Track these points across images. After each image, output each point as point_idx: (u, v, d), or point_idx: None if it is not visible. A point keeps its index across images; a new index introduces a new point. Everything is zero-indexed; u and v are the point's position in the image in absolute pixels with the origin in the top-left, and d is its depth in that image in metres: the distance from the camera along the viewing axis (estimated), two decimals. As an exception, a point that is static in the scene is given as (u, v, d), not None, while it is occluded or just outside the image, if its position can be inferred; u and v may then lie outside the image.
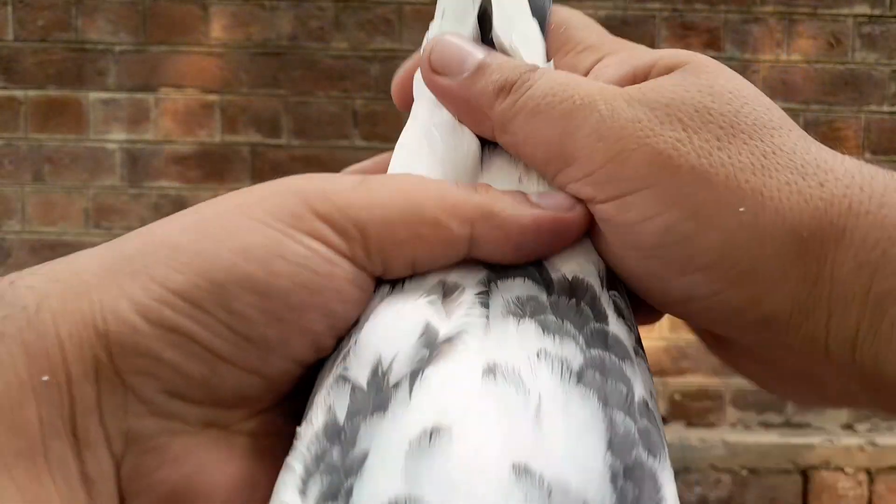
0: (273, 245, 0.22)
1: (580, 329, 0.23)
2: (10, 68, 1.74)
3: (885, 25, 1.78)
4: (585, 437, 0.20)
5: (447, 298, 0.24)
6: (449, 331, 0.22)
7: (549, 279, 0.25)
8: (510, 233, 0.24)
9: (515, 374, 0.21)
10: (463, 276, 0.24)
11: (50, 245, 1.77)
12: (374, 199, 0.24)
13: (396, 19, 1.75)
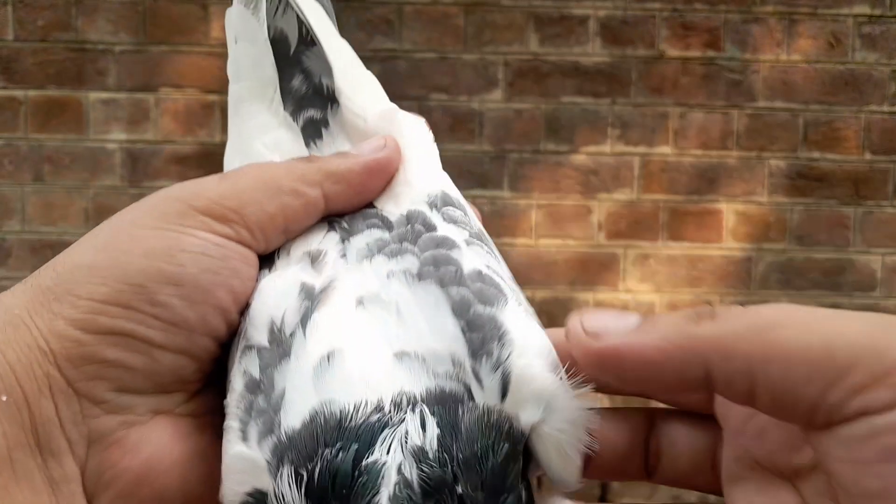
0: (173, 243, 0.26)
1: (415, 242, 0.29)
2: (10, 68, 1.75)
3: (885, 25, 1.78)
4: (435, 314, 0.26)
5: (315, 262, 0.29)
6: (322, 283, 0.28)
7: (388, 221, 0.30)
8: (350, 182, 0.30)
9: (376, 295, 0.27)
10: (323, 243, 0.30)
11: (50, 245, 1.77)
12: (239, 186, 0.28)
13: (396, 19, 1.75)
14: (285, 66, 0.34)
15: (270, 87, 0.34)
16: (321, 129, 0.34)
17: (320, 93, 0.35)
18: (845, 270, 1.82)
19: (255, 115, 0.34)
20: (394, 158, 0.32)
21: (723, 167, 1.79)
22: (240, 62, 0.34)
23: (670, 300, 1.81)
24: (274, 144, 0.33)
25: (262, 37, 0.34)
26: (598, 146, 1.77)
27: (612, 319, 0.25)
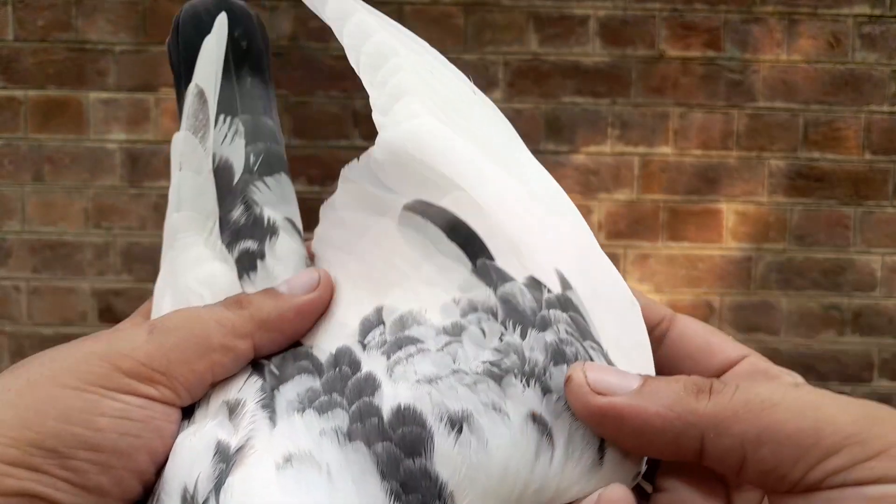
0: (92, 406, 0.26)
1: (343, 392, 0.27)
2: (10, 68, 1.75)
3: (886, 25, 1.78)
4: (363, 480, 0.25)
5: (233, 415, 0.27)
6: (239, 441, 0.26)
7: (318, 364, 0.28)
8: (282, 329, 0.29)
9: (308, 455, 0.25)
10: (243, 391, 0.28)
11: (50, 245, 1.77)
12: (168, 345, 0.27)
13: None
14: (227, 195, 0.34)
15: (210, 219, 0.33)
16: (256, 261, 0.33)
17: (260, 224, 0.34)
18: (845, 270, 1.82)
19: (191, 248, 0.33)
20: (326, 297, 0.31)
21: (723, 167, 1.79)
22: (182, 191, 0.33)
23: (670, 300, 1.81)
24: (206, 279, 0.32)
25: (206, 167, 0.33)
26: (597, 146, 1.77)
27: (615, 378, 0.26)
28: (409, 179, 0.31)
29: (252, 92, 0.37)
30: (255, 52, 0.37)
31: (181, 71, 0.35)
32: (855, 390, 1.84)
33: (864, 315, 1.83)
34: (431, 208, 0.30)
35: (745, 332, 1.82)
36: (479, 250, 0.29)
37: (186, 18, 0.35)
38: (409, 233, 0.30)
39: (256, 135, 0.36)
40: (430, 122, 0.32)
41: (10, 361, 1.78)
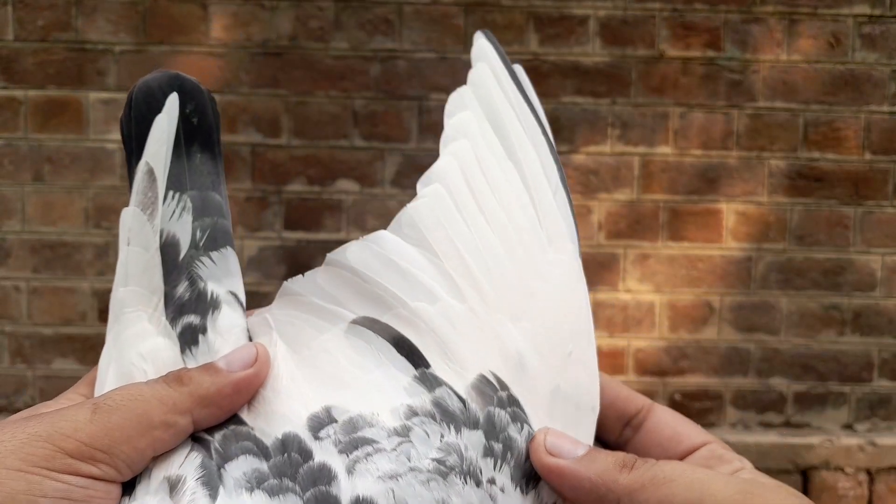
0: (35, 488, 0.27)
1: (294, 477, 0.29)
2: (10, 68, 1.75)
3: (886, 25, 1.78)
4: None
5: (174, 491, 0.29)
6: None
7: (264, 446, 0.30)
8: (220, 404, 0.31)
9: None
10: (183, 467, 0.30)
11: (50, 245, 1.77)
12: (110, 424, 0.28)
13: (396, 19, 1.75)
14: (172, 271, 0.35)
15: (156, 294, 0.35)
16: (199, 335, 0.34)
17: (203, 299, 0.35)
18: (845, 270, 1.82)
19: (135, 323, 0.34)
20: (263, 373, 0.33)
21: (723, 167, 1.79)
22: (129, 267, 0.35)
23: (670, 300, 1.81)
24: (149, 354, 0.33)
25: (154, 245, 0.35)
26: (597, 146, 1.77)
27: (568, 445, 0.33)
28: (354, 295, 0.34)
29: (201, 168, 0.37)
30: (206, 128, 0.38)
31: (132, 147, 0.36)
32: (854, 390, 1.84)
33: (863, 315, 1.83)
34: (377, 324, 0.34)
35: (745, 332, 1.82)
36: (419, 360, 0.33)
37: (140, 95, 0.36)
38: (359, 343, 0.34)
39: (204, 210, 0.37)
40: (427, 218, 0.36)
41: (10, 361, 1.78)
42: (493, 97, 0.41)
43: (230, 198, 1.72)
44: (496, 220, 0.37)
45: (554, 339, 0.36)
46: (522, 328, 0.35)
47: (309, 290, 0.35)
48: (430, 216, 0.36)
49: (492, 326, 0.35)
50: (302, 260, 1.77)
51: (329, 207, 1.78)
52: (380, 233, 0.36)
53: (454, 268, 0.35)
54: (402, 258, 0.35)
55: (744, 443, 1.77)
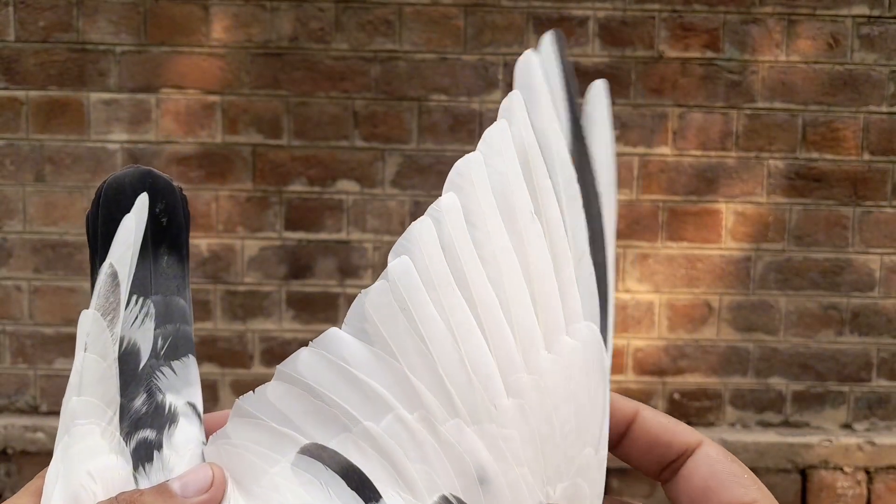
0: None
1: None
2: (11, 69, 1.75)
3: (884, 26, 1.78)
4: None
5: None
6: None
7: None
8: None
9: None
10: None
11: (51, 245, 1.78)
12: None
13: (396, 20, 1.75)
14: (130, 382, 0.34)
15: (111, 407, 0.33)
16: (153, 451, 0.33)
17: (161, 411, 0.34)
18: (844, 270, 1.82)
19: (86, 437, 0.33)
20: (217, 497, 0.32)
21: (722, 167, 1.80)
22: (84, 376, 0.33)
23: (669, 300, 1.81)
24: (99, 473, 0.32)
25: (112, 355, 0.34)
26: (597, 146, 1.77)
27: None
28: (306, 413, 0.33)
29: (167, 271, 0.36)
30: (175, 229, 0.37)
31: (97, 245, 0.35)
32: (853, 390, 1.84)
33: (862, 315, 1.83)
34: (325, 451, 0.32)
35: (744, 332, 1.83)
36: (370, 493, 0.31)
37: (109, 191, 0.35)
38: (307, 478, 0.32)
39: (167, 317, 0.36)
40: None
41: (11, 361, 1.79)
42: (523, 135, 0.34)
43: (231, 198, 1.72)
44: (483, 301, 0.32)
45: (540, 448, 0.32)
46: (490, 435, 0.32)
47: (261, 411, 0.33)
48: (385, 305, 0.32)
49: (449, 437, 0.31)
50: (302, 260, 1.78)
51: (329, 207, 1.78)
52: (332, 332, 0.33)
53: (412, 367, 0.32)
54: (354, 364, 0.32)
55: (742, 442, 1.77)
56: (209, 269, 1.77)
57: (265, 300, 1.79)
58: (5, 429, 1.75)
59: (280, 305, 1.79)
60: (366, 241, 1.78)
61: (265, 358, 1.79)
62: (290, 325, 1.79)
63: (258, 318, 1.79)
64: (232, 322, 1.79)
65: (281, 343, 1.78)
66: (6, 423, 1.76)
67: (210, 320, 1.78)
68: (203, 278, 1.77)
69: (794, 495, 1.79)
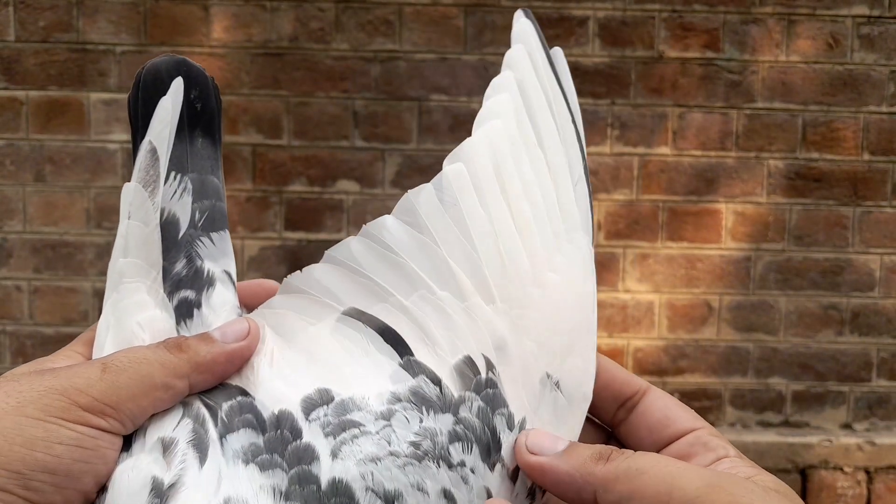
0: (52, 435, 0.30)
1: (283, 454, 0.32)
2: (11, 69, 1.75)
3: (884, 26, 1.78)
4: None
5: (167, 452, 0.32)
6: (171, 478, 0.31)
7: (262, 420, 0.33)
8: (214, 371, 0.34)
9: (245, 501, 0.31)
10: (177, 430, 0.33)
11: (52, 245, 1.78)
12: (118, 383, 0.32)
13: (397, 20, 1.75)
14: (171, 248, 0.37)
15: (154, 268, 0.37)
16: (193, 310, 0.37)
17: (199, 276, 0.38)
18: (843, 270, 1.83)
19: (134, 294, 0.36)
20: (253, 345, 0.35)
21: (721, 167, 1.80)
22: (129, 240, 0.36)
23: (669, 300, 1.82)
24: (147, 323, 0.36)
25: (154, 221, 0.36)
26: (597, 147, 1.77)
27: (548, 442, 0.35)
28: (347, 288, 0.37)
29: (202, 152, 0.39)
30: (208, 114, 0.39)
31: (138, 125, 0.38)
32: (853, 390, 1.85)
33: (862, 315, 1.83)
34: (364, 315, 0.36)
35: (744, 332, 1.83)
36: (404, 349, 0.36)
37: (148, 77, 0.38)
38: (350, 332, 0.36)
39: (203, 193, 0.39)
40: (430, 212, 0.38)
41: (11, 361, 1.79)
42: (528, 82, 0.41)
43: (231, 198, 1.72)
44: (517, 205, 0.38)
45: (552, 329, 0.37)
46: (512, 316, 0.37)
47: (307, 285, 0.37)
48: (432, 203, 0.38)
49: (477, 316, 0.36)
50: (302, 260, 1.78)
51: (330, 208, 1.78)
52: (382, 219, 0.38)
53: (452, 255, 0.37)
54: (398, 250, 0.37)
55: (742, 442, 1.77)
56: (209, 269, 1.77)
57: (265, 300, 1.79)
58: (5, 429, 1.75)
59: (280, 305, 1.79)
60: (366, 241, 1.78)
61: (265, 358, 1.79)
62: (290, 325, 1.79)
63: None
64: (232, 322, 1.79)
65: (281, 343, 1.78)
66: (6, 423, 1.76)
67: (210, 320, 1.79)
68: (203, 278, 1.77)
69: (794, 495, 1.79)
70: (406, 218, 0.38)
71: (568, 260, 0.39)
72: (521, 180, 0.39)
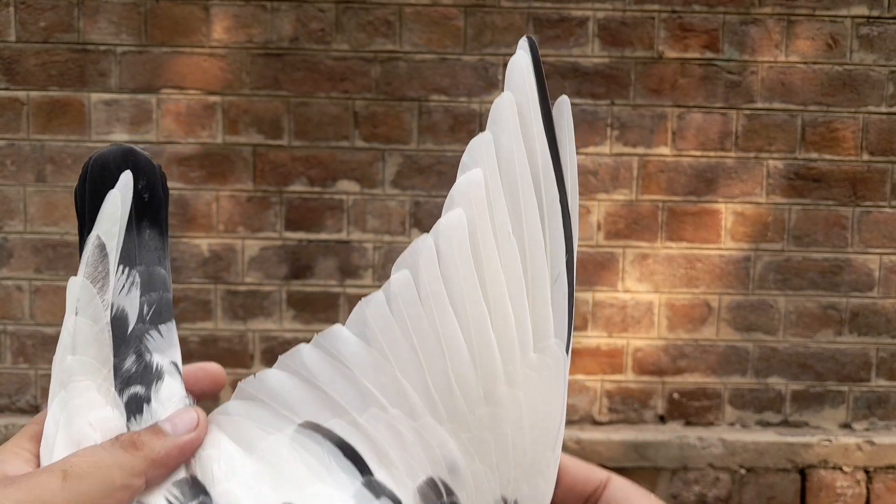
0: None
1: None
2: (12, 69, 1.75)
3: (883, 26, 1.78)
4: None
5: None
6: None
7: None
8: (168, 465, 0.35)
9: None
10: None
11: (52, 245, 1.78)
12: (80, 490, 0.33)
13: (397, 21, 1.76)
14: (121, 344, 0.37)
15: (105, 366, 0.37)
16: (143, 404, 0.37)
17: (149, 371, 0.38)
18: (843, 270, 1.83)
19: (84, 392, 0.36)
20: (202, 434, 0.37)
21: (721, 168, 1.80)
22: (77, 337, 0.37)
23: (668, 300, 1.82)
24: (98, 423, 0.36)
25: (104, 319, 0.37)
26: (596, 147, 1.78)
27: None
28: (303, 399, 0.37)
29: (149, 244, 0.39)
30: (155, 204, 0.39)
31: (85, 218, 0.38)
32: (853, 389, 1.85)
33: (861, 315, 1.84)
34: (321, 428, 0.36)
35: (744, 332, 1.83)
36: (363, 467, 0.36)
37: (95, 168, 0.38)
38: (310, 444, 0.36)
39: (150, 285, 0.39)
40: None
41: (12, 361, 1.79)
42: (512, 149, 0.37)
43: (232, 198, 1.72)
44: (475, 314, 0.36)
45: (505, 450, 0.36)
46: (462, 439, 0.36)
47: (262, 393, 0.37)
48: (384, 315, 0.36)
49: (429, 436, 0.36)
50: (303, 260, 1.78)
51: (330, 208, 1.78)
52: (336, 329, 0.37)
53: (403, 373, 0.36)
54: (350, 364, 0.36)
55: (742, 442, 1.78)
56: (210, 269, 1.78)
57: (266, 300, 1.79)
58: (6, 428, 1.75)
59: (280, 305, 1.79)
60: (366, 242, 1.79)
61: (266, 357, 1.79)
62: (290, 325, 1.79)
63: (259, 317, 1.80)
64: (232, 322, 1.79)
65: (281, 343, 1.78)
66: (7, 423, 1.76)
67: (211, 320, 1.79)
68: (204, 278, 1.78)
69: (794, 495, 1.79)
70: (357, 329, 0.36)
71: (532, 372, 0.36)
72: (482, 283, 0.36)
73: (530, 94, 0.38)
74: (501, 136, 0.38)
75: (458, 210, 0.36)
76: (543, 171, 0.38)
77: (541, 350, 0.37)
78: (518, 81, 0.38)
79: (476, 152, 0.37)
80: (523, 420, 0.36)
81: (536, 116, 0.38)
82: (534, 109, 0.38)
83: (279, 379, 0.37)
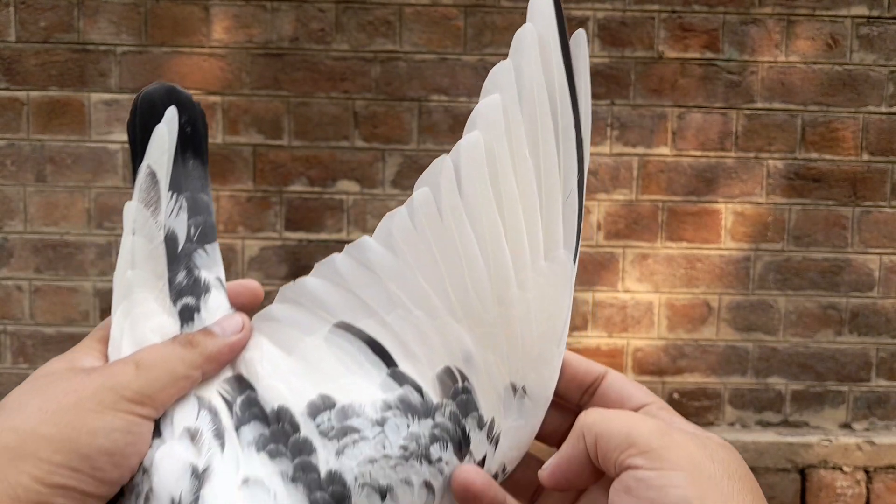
0: (109, 425, 0.37)
1: (287, 444, 0.39)
2: (12, 69, 1.76)
3: (883, 26, 1.78)
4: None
5: (194, 440, 0.38)
6: (203, 464, 0.38)
7: (265, 414, 0.40)
8: (220, 361, 0.41)
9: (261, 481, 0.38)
10: (199, 421, 0.39)
11: (52, 245, 1.78)
12: (151, 377, 0.39)
13: (397, 21, 1.76)
14: (173, 261, 0.43)
15: (161, 279, 0.42)
16: (194, 314, 0.43)
17: (198, 284, 0.43)
18: (843, 270, 1.83)
19: (144, 303, 0.42)
20: (247, 337, 0.42)
21: (721, 168, 1.80)
22: (136, 254, 0.42)
23: (668, 300, 1.82)
24: (157, 328, 0.42)
25: (158, 238, 0.42)
26: (596, 147, 1.78)
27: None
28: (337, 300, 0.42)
29: (193, 172, 0.44)
30: (197, 138, 0.44)
31: (137, 149, 0.43)
32: (853, 389, 1.85)
33: (861, 315, 1.84)
34: (353, 328, 0.42)
35: (744, 332, 1.83)
36: (389, 361, 0.41)
37: (144, 105, 0.43)
38: (343, 343, 0.42)
39: (196, 209, 0.44)
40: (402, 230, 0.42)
41: (12, 361, 1.79)
42: (530, 77, 0.41)
43: (232, 198, 1.73)
44: (488, 226, 0.41)
45: (518, 343, 0.41)
46: (476, 334, 0.41)
47: (301, 296, 0.43)
48: (406, 228, 0.41)
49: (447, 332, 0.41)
50: (303, 260, 1.78)
51: (330, 208, 1.78)
52: (364, 240, 0.42)
53: (425, 278, 0.41)
54: (378, 269, 0.41)
55: (742, 441, 1.78)
56: (210, 269, 1.78)
57: (266, 300, 1.79)
58: (6, 428, 1.75)
59: (280, 305, 1.79)
60: (366, 241, 1.79)
61: (265, 358, 1.79)
62: (290, 325, 1.79)
63: (258, 317, 1.79)
64: (232, 322, 1.79)
65: (281, 343, 1.78)
66: (7, 423, 1.76)
67: (210, 320, 1.79)
68: (203, 278, 1.78)
69: (794, 495, 1.79)
70: (384, 240, 0.41)
71: (542, 278, 0.41)
72: (498, 199, 0.41)
73: (550, 26, 0.41)
74: (522, 64, 0.41)
75: (477, 132, 0.42)
76: (560, 97, 0.41)
77: (551, 259, 0.41)
78: (539, 14, 0.41)
79: (498, 79, 0.41)
80: (531, 318, 0.41)
81: (556, 47, 0.41)
82: (553, 40, 0.41)
83: (316, 284, 0.42)
